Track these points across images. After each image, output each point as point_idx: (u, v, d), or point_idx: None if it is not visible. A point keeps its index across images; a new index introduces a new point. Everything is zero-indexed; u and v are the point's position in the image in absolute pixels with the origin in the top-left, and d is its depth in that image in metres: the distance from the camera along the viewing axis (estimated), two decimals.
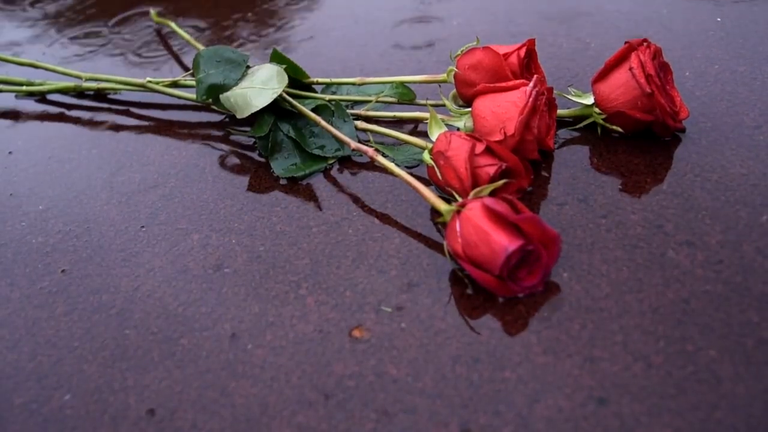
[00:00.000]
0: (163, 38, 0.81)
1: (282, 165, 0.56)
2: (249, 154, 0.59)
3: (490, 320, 0.42)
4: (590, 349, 0.40)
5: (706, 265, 0.43)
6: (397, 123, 0.60)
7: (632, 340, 0.40)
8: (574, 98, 0.55)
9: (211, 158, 0.60)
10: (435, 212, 0.50)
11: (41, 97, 0.72)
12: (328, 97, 0.61)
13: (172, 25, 0.77)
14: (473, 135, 0.48)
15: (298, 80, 0.61)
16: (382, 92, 0.60)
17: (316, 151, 0.56)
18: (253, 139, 0.60)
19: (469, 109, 0.52)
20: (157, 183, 0.58)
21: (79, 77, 0.69)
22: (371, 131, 0.56)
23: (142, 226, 0.53)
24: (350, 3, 0.83)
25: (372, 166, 0.55)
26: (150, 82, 0.65)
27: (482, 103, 0.51)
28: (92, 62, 0.79)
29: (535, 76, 0.50)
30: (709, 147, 0.52)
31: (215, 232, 0.52)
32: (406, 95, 0.59)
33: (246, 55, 0.59)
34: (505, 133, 0.48)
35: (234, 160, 0.59)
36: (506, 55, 0.53)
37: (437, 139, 0.49)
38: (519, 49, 0.54)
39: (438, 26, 0.74)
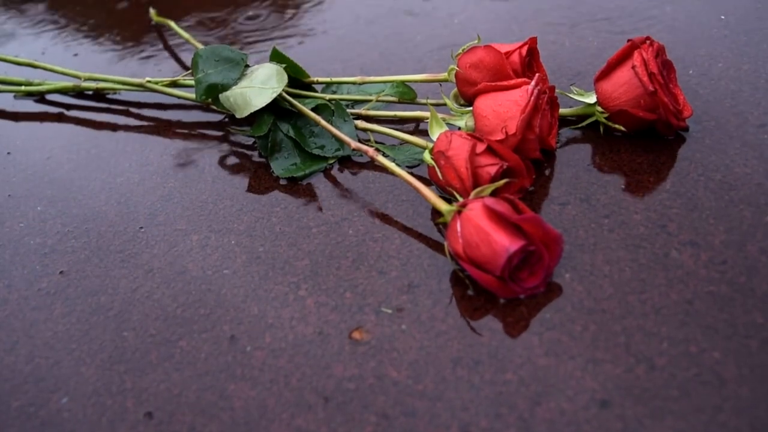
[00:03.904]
0: (163, 37, 0.81)
1: (282, 165, 0.56)
2: (249, 154, 0.59)
3: (491, 321, 0.42)
4: (592, 350, 0.39)
5: (710, 265, 0.43)
6: (398, 122, 0.59)
7: (635, 342, 0.39)
8: (576, 97, 0.55)
9: (210, 158, 0.59)
10: (436, 212, 0.49)
11: (40, 97, 0.72)
12: (328, 96, 0.60)
13: (172, 24, 0.77)
14: (474, 134, 0.48)
15: (298, 79, 0.61)
16: (383, 91, 0.59)
17: (316, 151, 0.56)
18: (253, 139, 0.60)
19: (471, 108, 0.52)
20: (156, 183, 0.57)
21: (77, 77, 0.69)
22: (371, 131, 0.56)
23: (141, 227, 0.53)
24: (351, 1, 0.83)
25: (372, 166, 0.55)
26: (149, 81, 0.64)
27: (483, 102, 0.50)
28: (91, 62, 0.78)
29: (537, 74, 0.49)
30: (712, 146, 0.51)
31: (214, 233, 0.51)
32: (406, 94, 0.59)
33: (244, 54, 0.58)
34: (506, 132, 0.48)
35: (233, 160, 0.59)
36: (508, 54, 0.53)
37: (438, 139, 0.48)
38: (521, 47, 0.53)
39: (439, 25, 0.74)
